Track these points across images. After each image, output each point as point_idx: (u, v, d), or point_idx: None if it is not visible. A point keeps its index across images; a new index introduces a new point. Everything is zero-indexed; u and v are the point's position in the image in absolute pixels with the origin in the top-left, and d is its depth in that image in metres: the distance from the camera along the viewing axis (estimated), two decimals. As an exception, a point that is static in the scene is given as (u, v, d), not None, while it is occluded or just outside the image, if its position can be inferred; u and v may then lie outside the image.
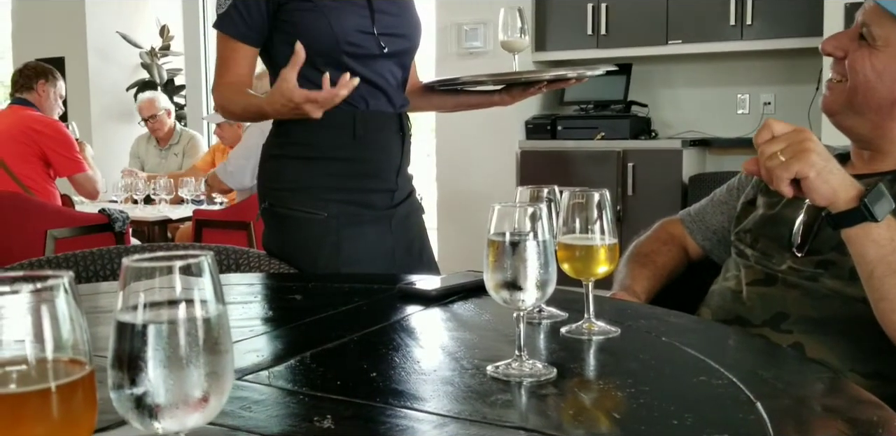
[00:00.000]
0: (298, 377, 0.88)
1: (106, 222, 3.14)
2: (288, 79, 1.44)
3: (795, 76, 4.48)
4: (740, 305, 1.26)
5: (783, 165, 1.02)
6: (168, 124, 4.72)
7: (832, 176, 1.03)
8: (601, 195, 1.03)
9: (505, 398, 0.80)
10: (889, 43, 1.16)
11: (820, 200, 1.04)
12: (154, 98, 4.70)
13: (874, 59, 1.17)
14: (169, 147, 4.72)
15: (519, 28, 1.74)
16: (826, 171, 1.02)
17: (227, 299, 1.27)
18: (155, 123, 4.65)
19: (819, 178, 1.02)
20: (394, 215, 1.73)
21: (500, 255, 0.85)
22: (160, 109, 4.66)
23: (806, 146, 1.02)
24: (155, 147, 4.75)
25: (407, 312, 1.17)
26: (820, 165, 1.02)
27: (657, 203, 4.26)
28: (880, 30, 1.16)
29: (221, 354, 0.52)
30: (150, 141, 4.80)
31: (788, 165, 1.02)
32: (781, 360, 0.97)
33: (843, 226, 1.04)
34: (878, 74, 1.17)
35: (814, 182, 1.02)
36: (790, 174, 1.02)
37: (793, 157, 1.02)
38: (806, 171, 1.02)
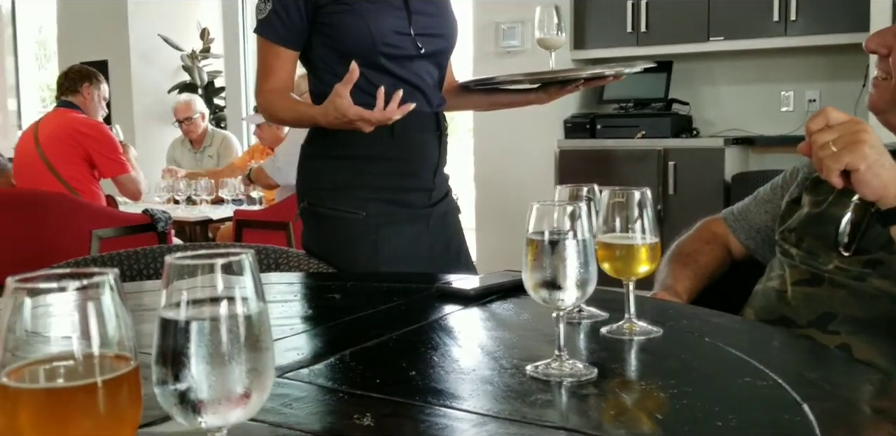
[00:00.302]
0: (338, 375, 0.88)
1: (149, 222, 3.19)
2: (342, 95, 1.45)
3: (841, 73, 4.39)
4: (785, 306, 1.23)
5: (834, 155, 1.00)
6: (202, 127, 4.78)
7: (884, 170, 1.00)
8: (642, 194, 1.02)
9: (545, 398, 0.79)
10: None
11: (869, 194, 1.02)
12: (190, 101, 4.76)
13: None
14: (203, 149, 4.79)
15: (555, 25, 1.73)
16: (878, 164, 1.00)
17: (268, 298, 1.28)
18: (189, 126, 4.71)
19: (870, 171, 1.00)
20: (431, 215, 1.74)
21: (538, 254, 0.84)
22: (196, 111, 4.73)
23: (859, 138, 1.00)
24: (189, 150, 4.82)
25: (445, 312, 1.16)
26: (872, 158, 0.99)
27: (699, 202, 4.20)
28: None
29: (262, 350, 0.52)
30: (184, 144, 4.87)
31: (839, 156, 1.00)
32: (828, 361, 0.95)
33: (892, 223, 1.02)
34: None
35: (864, 175, 1.00)
36: (840, 165, 1.00)
37: (845, 148, 1.00)
38: (857, 163, 0.99)
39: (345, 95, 1.45)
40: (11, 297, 0.46)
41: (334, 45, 1.63)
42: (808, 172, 1.40)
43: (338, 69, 1.64)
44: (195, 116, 4.71)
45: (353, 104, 1.46)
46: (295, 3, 1.61)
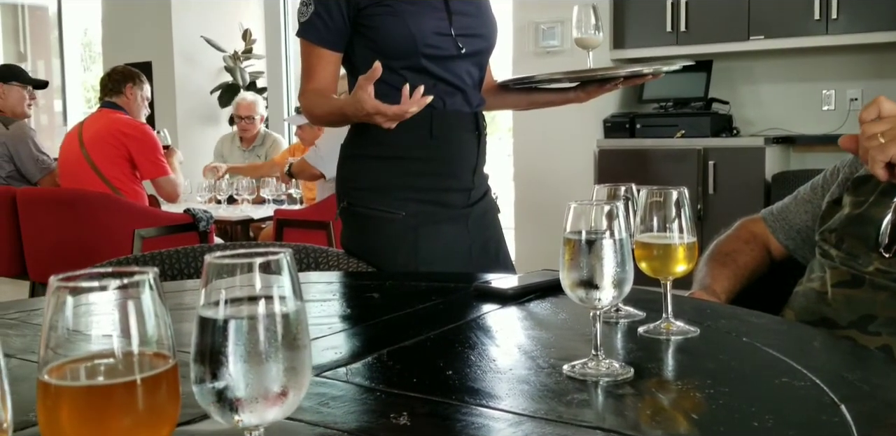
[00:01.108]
0: (375, 374, 0.89)
1: (190, 222, 3.24)
2: (364, 87, 1.46)
3: (883, 71, 4.30)
4: (825, 307, 1.22)
5: (881, 146, 0.99)
6: (257, 128, 4.86)
7: None
8: (679, 193, 1.02)
9: (581, 398, 0.79)
10: None
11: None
12: (255, 101, 4.83)
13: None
14: (252, 148, 4.85)
15: (593, 25, 1.73)
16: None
17: (306, 297, 1.30)
18: (248, 124, 4.79)
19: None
20: (470, 214, 1.74)
21: (575, 253, 0.84)
22: (258, 113, 4.81)
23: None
24: (239, 147, 4.89)
25: (483, 311, 1.17)
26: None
27: (739, 202, 4.15)
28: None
29: (300, 349, 0.53)
30: (234, 141, 4.94)
31: (886, 148, 0.98)
32: (868, 362, 0.94)
33: None
34: None
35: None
36: (885, 157, 0.99)
37: (892, 139, 0.98)
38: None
39: (366, 88, 1.46)
40: (54, 295, 0.47)
41: (375, 47, 1.65)
42: (850, 172, 1.38)
43: None
44: (256, 117, 4.79)
45: (372, 97, 1.46)
46: (337, 5, 1.62)
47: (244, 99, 4.88)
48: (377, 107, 1.47)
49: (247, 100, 4.85)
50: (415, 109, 1.47)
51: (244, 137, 4.87)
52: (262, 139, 4.87)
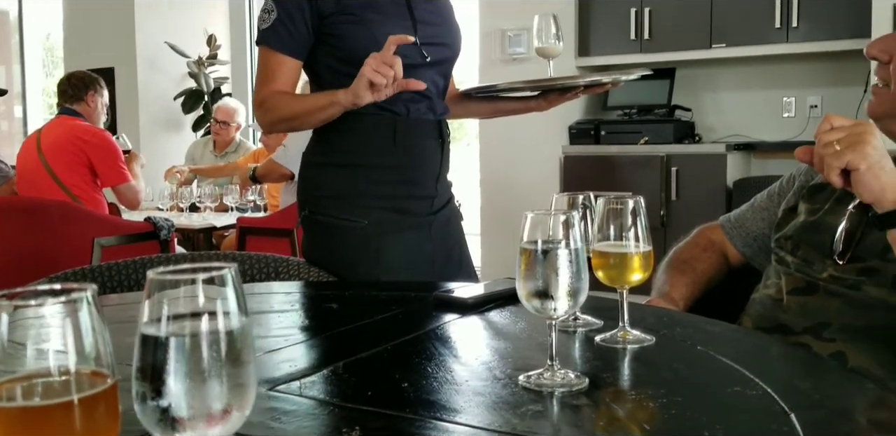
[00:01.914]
0: (330, 388, 0.88)
1: (151, 230, 3.20)
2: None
3: (842, 79, 4.38)
4: (781, 314, 1.23)
5: (836, 153, 1.00)
6: (231, 135, 4.82)
7: (883, 173, 1.00)
8: (636, 202, 1.02)
9: (536, 409, 0.79)
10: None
11: (866, 196, 1.01)
12: (237, 109, 4.79)
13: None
14: (225, 154, 4.81)
15: (553, 34, 1.74)
16: (878, 166, 1.00)
17: (265, 308, 1.29)
18: (222, 129, 4.75)
19: (869, 172, 1.00)
20: (433, 222, 1.74)
21: (531, 263, 0.84)
22: (235, 120, 4.77)
23: (863, 138, 1.00)
24: (211, 152, 4.85)
25: (442, 321, 1.16)
26: (873, 159, 1.00)
27: (701, 208, 4.19)
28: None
29: (244, 366, 0.52)
30: (207, 146, 4.90)
31: (841, 155, 1.00)
32: (820, 370, 0.95)
33: (889, 226, 1.02)
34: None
35: (864, 175, 1.00)
36: (841, 163, 1.00)
37: (848, 147, 1.00)
38: (857, 162, 0.99)
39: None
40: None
41: (339, 55, 1.64)
42: (805, 180, 1.40)
43: (343, 80, 1.64)
44: (232, 124, 4.76)
45: None
46: (300, 12, 1.61)
47: (226, 104, 4.86)
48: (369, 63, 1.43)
49: (229, 105, 4.82)
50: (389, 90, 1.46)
51: (217, 141, 4.83)
52: (235, 146, 4.83)
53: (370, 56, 1.45)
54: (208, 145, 4.90)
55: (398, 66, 1.43)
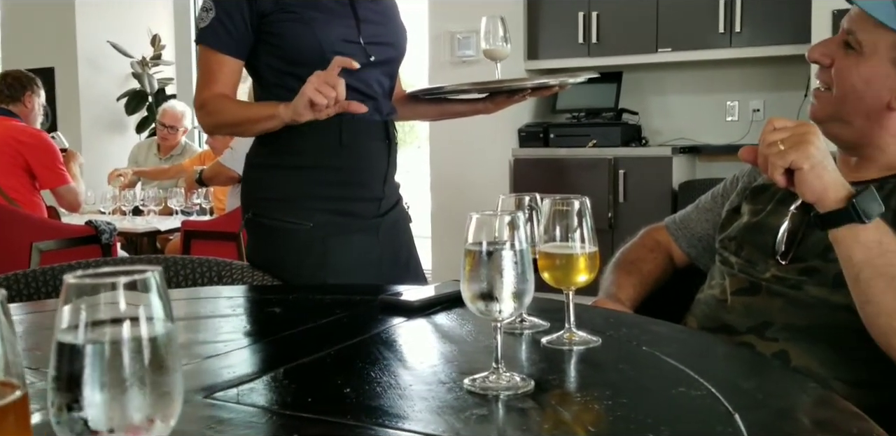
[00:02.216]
0: (269, 394, 0.86)
1: (93, 234, 3.11)
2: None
3: (784, 83, 4.48)
4: (725, 314, 1.24)
5: (780, 153, 1.01)
6: (178, 139, 4.73)
7: (826, 172, 1.02)
8: (581, 203, 1.02)
9: (480, 413, 0.78)
10: (876, 49, 1.14)
11: (809, 195, 1.02)
12: (184, 112, 4.68)
13: (861, 66, 1.15)
14: (170, 157, 4.71)
15: (501, 36, 1.73)
16: (821, 166, 1.01)
17: (205, 313, 1.26)
18: (170, 134, 4.64)
19: (812, 171, 1.01)
20: (381, 224, 1.72)
21: (476, 265, 0.83)
22: (182, 125, 4.67)
23: (807, 139, 1.01)
24: (155, 155, 4.74)
25: (388, 325, 1.14)
26: (816, 159, 1.01)
27: (648, 210, 4.24)
28: (866, 36, 1.15)
29: (169, 374, 0.50)
30: (151, 149, 4.79)
31: (785, 154, 1.01)
32: (763, 370, 0.96)
33: (830, 226, 1.03)
34: (866, 82, 1.15)
35: (807, 175, 1.01)
36: (785, 163, 1.01)
37: (791, 147, 1.01)
38: (801, 162, 1.00)
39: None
40: None
41: (281, 54, 1.61)
42: (748, 181, 1.41)
43: (286, 79, 1.62)
44: (180, 128, 4.65)
45: None
46: (239, 11, 1.58)
47: (173, 108, 4.74)
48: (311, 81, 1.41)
49: (175, 109, 4.71)
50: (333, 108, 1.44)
51: (162, 145, 4.72)
52: (181, 150, 4.73)
53: (314, 74, 1.43)
54: (152, 148, 4.80)
55: (341, 87, 1.42)
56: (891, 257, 0.99)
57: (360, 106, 1.46)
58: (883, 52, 1.14)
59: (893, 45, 1.13)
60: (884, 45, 1.14)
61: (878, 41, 1.14)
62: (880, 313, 1.00)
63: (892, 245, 1.00)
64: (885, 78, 1.15)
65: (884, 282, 0.99)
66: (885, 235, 1.00)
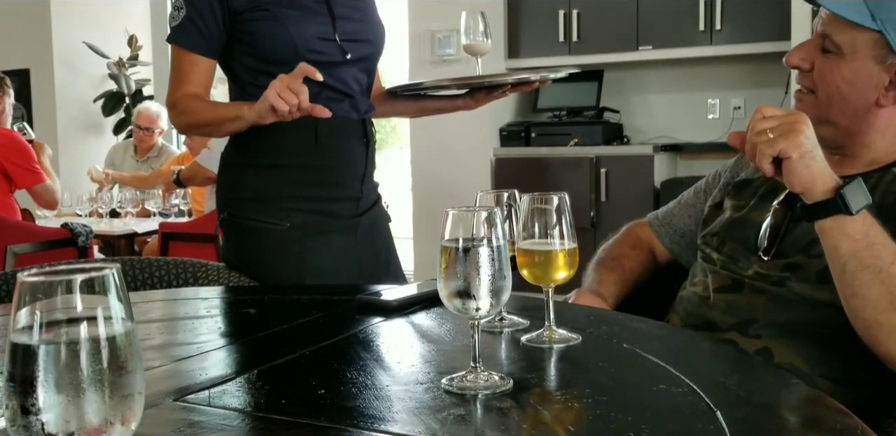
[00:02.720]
0: (242, 397, 0.83)
1: (69, 237, 3.06)
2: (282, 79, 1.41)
3: (764, 80, 4.49)
4: (708, 311, 1.23)
5: (770, 141, 1.00)
6: (154, 140, 4.67)
7: (814, 162, 1.00)
8: (560, 199, 1.00)
9: (458, 413, 0.76)
10: (855, 49, 1.13)
11: (796, 185, 1.01)
12: (159, 113, 4.62)
13: (843, 68, 1.14)
14: (147, 159, 4.65)
15: (481, 31, 1.71)
16: (809, 156, 1.00)
17: (178, 315, 1.23)
18: (145, 136, 4.58)
19: (801, 161, 0.99)
20: (359, 224, 1.69)
21: (452, 262, 0.81)
22: (158, 126, 4.61)
23: (796, 127, 1.00)
24: (132, 157, 4.68)
25: (365, 324, 1.12)
26: (805, 148, 0.99)
27: (630, 208, 4.24)
28: (843, 37, 1.14)
29: (129, 375, 0.48)
30: (127, 151, 4.73)
31: (774, 142, 0.99)
32: (746, 367, 0.94)
33: (817, 217, 1.01)
34: (851, 84, 1.14)
35: (795, 164, 0.99)
36: (774, 151, 0.99)
37: (781, 135, 0.99)
38: (790, 151, 0.99)
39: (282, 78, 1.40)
40: None
41: (255, 53, 1.59)
42: (731, 176, 1.40)
43: (261, 78, 1.59)
44: (155, 130, 4.59)
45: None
46: (210, 9, 1.56)
47: (147, 109, 4.67)
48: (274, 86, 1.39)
49: (150, 110, 4.64)
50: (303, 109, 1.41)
51: (139, 147, 4.66)
52: (157, 151, 4.68)
53: (278, 78, 1.41)
54: (129, 150, 4.74)
55: (304, 95, 1.40)
56: (877, 250, 0.98)
57: (324, 110, 1.44)
58: (863, 51, 1.13)
59: (872, 42, 1.12)
60: (862, 44, 1.13)
61: (856, 41, 1.13)
62: (865, 306, 0.99)
63: (878, 237, 0.99)
64: (869, 77, 1.14)
65: (869, 274, 0.97)
66: (872, 228, 0.99)
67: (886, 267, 0.97)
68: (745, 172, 1.38)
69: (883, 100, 1.14)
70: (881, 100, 1.14)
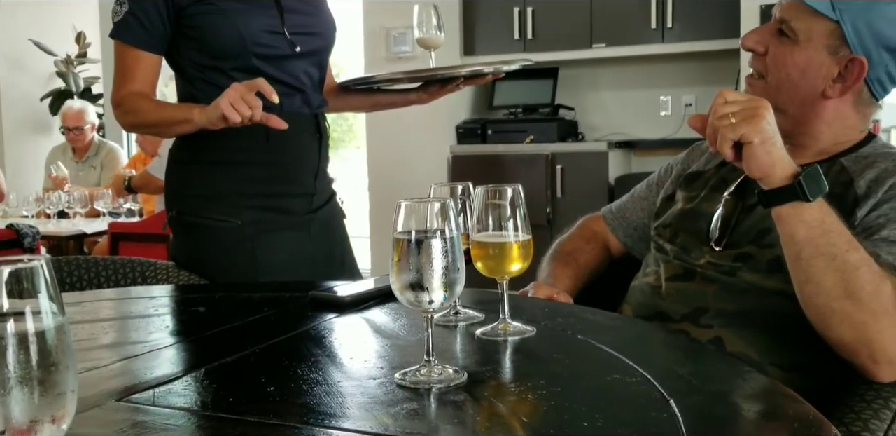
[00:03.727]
0: (188, 395, 0.81)
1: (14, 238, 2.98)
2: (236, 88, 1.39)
3: (715, 77, 4.55)
4: (661, 301, 1.23)
5: (731, 126, 0.99)
6: (89, 137, 4.54)
7: (775, 148, 1.00)
8: (514, 191, 1.00)
9: (412, 407, 0.75)
10: (811, 37, 1.14)
11: (755, 171, 1.01)
12: (84, 109, 4.49)
13: (797, 54, 1.15)
14: (86, 159, 4.54)
15: (435, 25, 1.70)
16: (770, 142, 1.00)
17: (125, 314, 1.20)
18: (77, 135, 4.46)
19: (762, 146, 0.99)
20: (313, 221, 1.67)
21: (404, 254, 0.80)
22: (87, 122, 4.48)
23: (759, 113, 1.00)
24: (71, 159, 4.56)
25: (318, 321, 1.10)
26: (767, 134, 0.99)
27: (585, 204, 4.24)
28: (801, 24, 1.15)
29: (60, 372, 0.46)
30: (66, 153, 4.60)
31: (736, 127, 0.99)
32: (698, 355, 0.95)
33: (775, 203, 1.02)
34: (802, 71, 1.15)
35: (756, 149, 0.99)
36: (736, 135, 0.99)
37: (743, 120, 0.99)
38: (752, 136, 0.99)
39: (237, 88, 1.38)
40: None
41: (202, 48, 1.56)
42: (682, 168, 1.41)
43: (210, 73, 1.56)
44: (86, 127, 4.46)
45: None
46: (153, 3, 1.52)
47: (71, 108, 4.54)
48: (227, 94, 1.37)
49: (74, 109, 4.51)
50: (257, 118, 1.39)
51: (76, 147, 4.54)
52: (96, 149, 4.55)
53: (232, 87, 1.39)
54: (67, 152, 4.59)
55: (258, 109, 1.39)
56: (833, 237, 0.99)
57: (281, 123, 1.43)
58: (817, 39, 1.14)
59: (828, 32, 1.13)
60: (818, 32, 1.14)
61: (813, 29, 1.14)
62: (819, 293, 1.00)
63: (834, 225, 0.99)
64: (819, 66, 1.15)
65: (824, 261, 0.98)
66: (829, 216, 1.00)
67: (841, 254, 0.98)
68: (695, 164, 1.39)
69: (829, 91, 1.16)
70: (828, 91, 1.16)
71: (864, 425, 0.88)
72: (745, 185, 1.23)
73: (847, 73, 1.14)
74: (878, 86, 1.16)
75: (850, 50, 1.13)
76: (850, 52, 1.13)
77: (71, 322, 1.11)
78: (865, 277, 0.97)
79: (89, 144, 4.55)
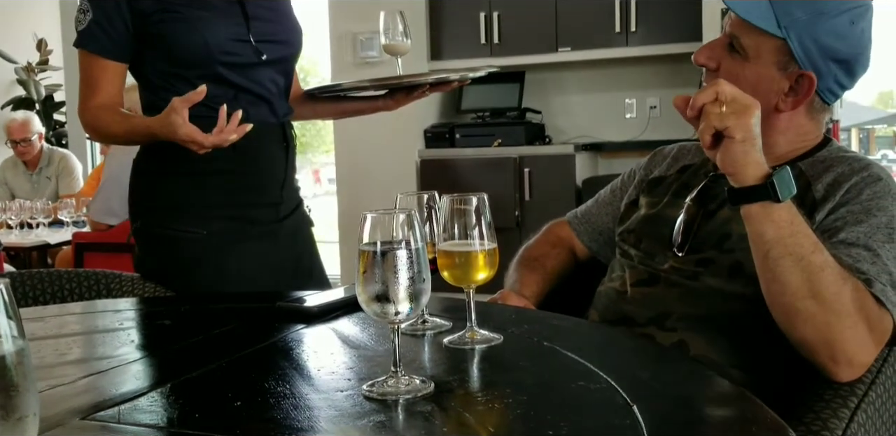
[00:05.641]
0: (154, 412, 0.80)
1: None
2: (178, 111, 1.36)
3: (678, 80, 4.61)
4: (626, 305, 1.25)
5: (720, 115, 1.00)
6: (38, 148, 4.43)
7: (753, 150, 1.01)
8: (479, 199, 1.00)
9: (379, 419, 0.75)
10: (759, 54, 1.16)
11: (728, 166, 1.02)
12: (28, 120, 4.37)
13: (747, 70, 1.17)
14: (39, 170, 4.43)
15: (401, 31, 1.70)
16: (750, 142, 1.00)
17: (89, 329, 1.18)
18: (25, 147, 4.34)
19: (742, 145, 1.00)
20: (280, 230, 1.66)
21: (370, 266, 0.80)
22: (34, 132, 4.36)
23: (750, 111, 1.00)
24: (24, 172, 4.44)
25: (285, 332, 1.10)
26: (750, 134, 1.00)
27: (553, 207, 4.28)
28: (749, 40, 1.16)
29: (19, 396, 0.45)
30: (17, 166, 4.47)
31: (725, 118, 1.00)
32: (662, 360, 0.96)
33: (744, 201, 1.03)
34: (753, 87, 1.16)
35: (735, 146, 1.00)
36: (721, 126, 1.00)
37: (733, 112, 1.00)
38: (735, 131, 0.99)
39: (180, 112, 1.36)
40: None
41: (167, 56, 1.54)
42: (645, 174, 1.43)
43: (174, 82, 1.55)
44: (33, 137, 4.35)
45: (186, 123, 1.36)
46: (117, 11, 1.51)
47: (14, 120, 4.39)
48: (192, 135, 1.37)
49: (17, 121, 4.36)
50: (234, 138, 1.39)
51: (26, 160, 4.42)
52: (47, 159, 4.44)
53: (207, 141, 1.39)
54: (18, 165, 4.49)
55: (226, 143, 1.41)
56: (800, 238, 1.00)
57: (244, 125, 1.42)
58: (766, 56, 1.16)
59: (776, 49, 1.15)
60: (766, 50, 1.16)
61: (761, 46, 1.16)
62: (784, 293, 1.01)
63: (801, 226, 1.01)
64: (770, 82, 1.17)
65: (791, 261, 1.00)
66: (796, 217, 1.02)
67: (807, 255, 0.99)
68: (658, 169, 1.41)
69: (782, 105, 1.18)
70: (780, 105, 1.18)
71: (823, 424, 0.90)
72: (706, 190, 1.25)
73: (798, 87, 1.16)
74: (830, 94, 1.19)
75: (799, 65, 1.15)
76: (799, 67, 1.15)
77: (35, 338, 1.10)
78: (829, 278, 0.99)
79: (39, 155, 4.43)
